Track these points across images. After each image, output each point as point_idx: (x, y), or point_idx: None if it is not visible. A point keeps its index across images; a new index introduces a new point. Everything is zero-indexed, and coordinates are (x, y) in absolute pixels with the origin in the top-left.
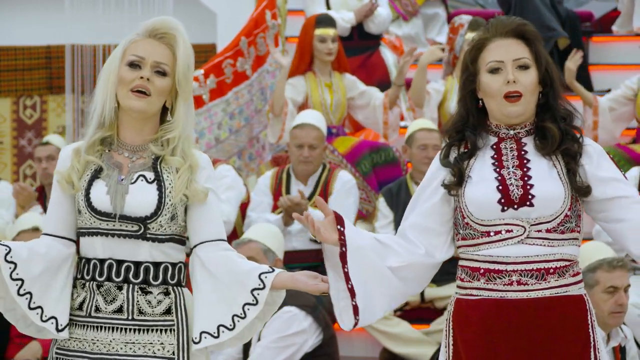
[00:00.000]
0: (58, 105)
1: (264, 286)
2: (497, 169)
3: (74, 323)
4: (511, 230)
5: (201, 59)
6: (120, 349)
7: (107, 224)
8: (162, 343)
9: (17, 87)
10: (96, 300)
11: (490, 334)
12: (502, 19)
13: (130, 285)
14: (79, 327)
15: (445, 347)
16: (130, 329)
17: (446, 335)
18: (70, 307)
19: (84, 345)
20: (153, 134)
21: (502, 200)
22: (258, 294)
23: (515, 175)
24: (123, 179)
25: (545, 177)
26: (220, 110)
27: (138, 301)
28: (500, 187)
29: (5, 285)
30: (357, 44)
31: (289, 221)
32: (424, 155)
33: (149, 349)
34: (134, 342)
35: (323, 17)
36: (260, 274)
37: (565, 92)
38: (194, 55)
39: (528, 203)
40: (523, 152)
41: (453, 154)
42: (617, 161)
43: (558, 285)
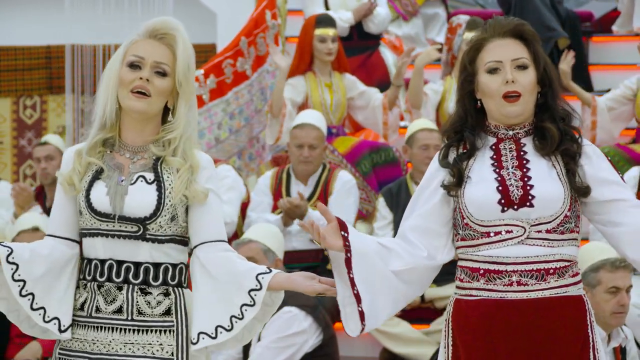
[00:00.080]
0: (58, 105)
1: (260, 287)
2: (497, 170)
3: (75, 323)
4: (511, 231)
5: (201, 59)
6: (120, 349)
7: (107, 225)
8: (161, 344)
9: (17, 87)
10: (97, 301)
11: (490, 334)
12: (500, 19)
13: (130, 285)
14: (81, 327)
15: (445, 347)
16: (129, 330)
17: (445, 335)
18: (73, 307)
19: (84, 345)
20: (154, 134)
21: (502, 201)
22: (255, 294)
23: (515, 176)
24: (123, 180)
25: (545, 177)
26: (220, 110)
27: (137, 302)
28: (500, 187)
29: (7, 287)
30: (357, 43)
31: (288, 222)
32: (425, 156)
33: (148, 350)
34: (133, 343)
35: (323, 17)
36: (258, 274)
37: (563, 92)
38: (194, 56)
39: (528, 204)
40: (522, 152)
41: (452, 155)
42: (616, 161)
43: (558, 286)
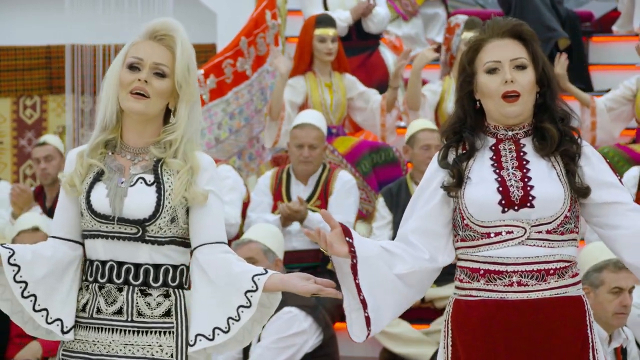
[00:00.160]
0: (58, 105)
1: (256, 288)
2: (497, 170)
3: (77, 324)
4: (511, 232)
5: (201, 59)
6: (120, 350)
7: (106, 227)
8: (161, 345)
9: (17, 87)
10: (98, 302)
11: (490, 334)
12: (499, 20)
13: (130, 287)
14: (82, 328)
15: (444, 347)
16: (129, 331)
17: (444, 335)
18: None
19: (85, 346)
20: (155, 136)
21: (503, 202)
22: (251, 296)
23: (515, 177)
24: (123, 182)
25: (545, 178)
26: (220, 110)
27: (137, 303)
28: (500, 188)
29: (9, 288)
30: (356, 43)
31: (287, 223)
32: (426, 156)
33: (148, 351)
34: (132, 344)
35: (323, 17)
36: (254, 276)
37: (562, 93)
38: (195, 57)
39: (528, 204)
40: (522, 153)
41: (451, 156)
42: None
43: (558, 286)
